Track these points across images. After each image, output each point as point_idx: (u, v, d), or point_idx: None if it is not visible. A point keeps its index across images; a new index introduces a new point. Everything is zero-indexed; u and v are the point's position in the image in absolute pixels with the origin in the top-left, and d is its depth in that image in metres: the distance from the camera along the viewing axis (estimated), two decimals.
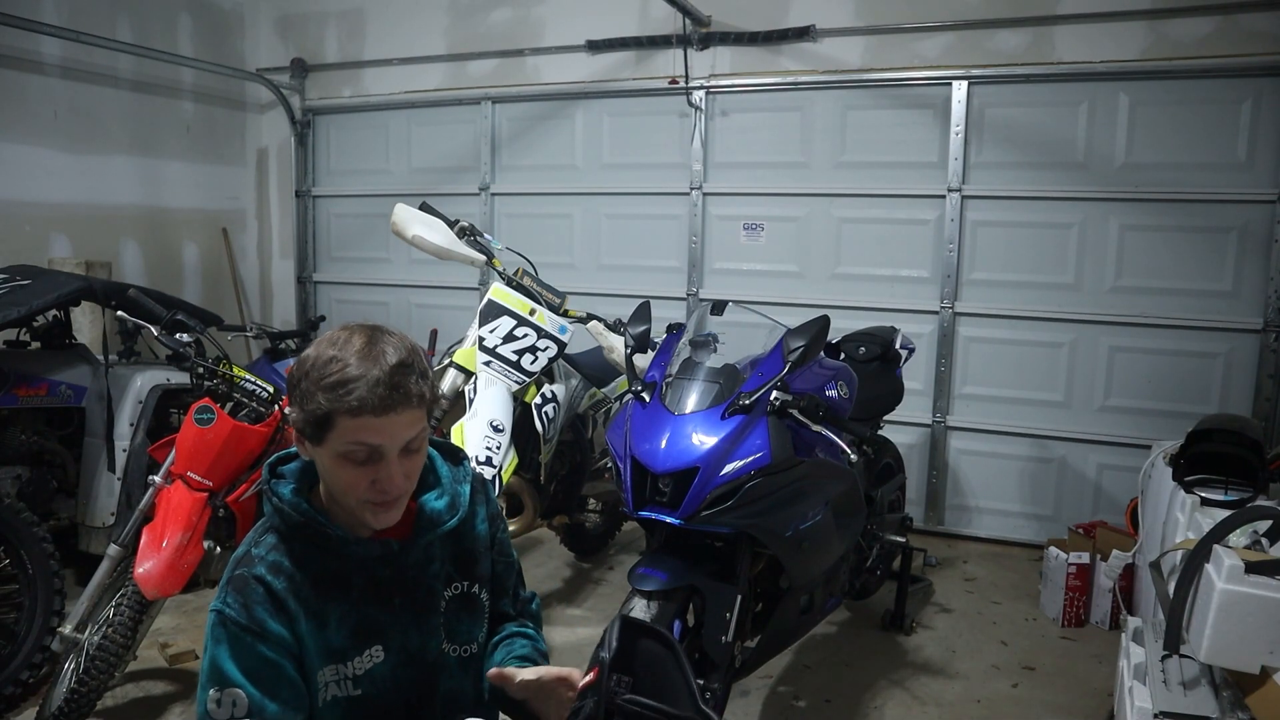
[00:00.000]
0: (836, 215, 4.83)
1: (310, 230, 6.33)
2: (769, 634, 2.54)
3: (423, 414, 1.31)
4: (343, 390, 1.23)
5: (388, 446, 1.27)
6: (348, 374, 1.24)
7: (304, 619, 1.32)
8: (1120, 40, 4.23)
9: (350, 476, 1.28)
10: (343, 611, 1.35)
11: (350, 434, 1.25)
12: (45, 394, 3.38)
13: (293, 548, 1.35)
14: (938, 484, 4.75)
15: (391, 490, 1.29)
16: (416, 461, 1.34)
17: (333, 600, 1.35)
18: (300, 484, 1.39)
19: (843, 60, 4.74)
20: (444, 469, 1.48)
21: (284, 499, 1.35)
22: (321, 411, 1.25)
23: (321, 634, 1.33)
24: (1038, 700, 3.04)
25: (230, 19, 6.17)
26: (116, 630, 2.49)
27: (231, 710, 1.26)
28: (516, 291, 3.26)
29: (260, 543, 1.37)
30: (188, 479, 2.60)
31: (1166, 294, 4.25)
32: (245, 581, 1.31)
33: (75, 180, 5.18)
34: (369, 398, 1.23)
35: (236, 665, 1.27)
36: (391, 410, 1.25)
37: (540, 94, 5.48)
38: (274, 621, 1.29)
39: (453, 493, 1.46)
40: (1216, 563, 1.79)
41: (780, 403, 2.34)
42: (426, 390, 1.30)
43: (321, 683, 1.34)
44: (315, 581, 1.34)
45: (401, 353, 1.28)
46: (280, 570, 1.33)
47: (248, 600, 1.29)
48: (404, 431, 1.28)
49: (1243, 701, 1.74)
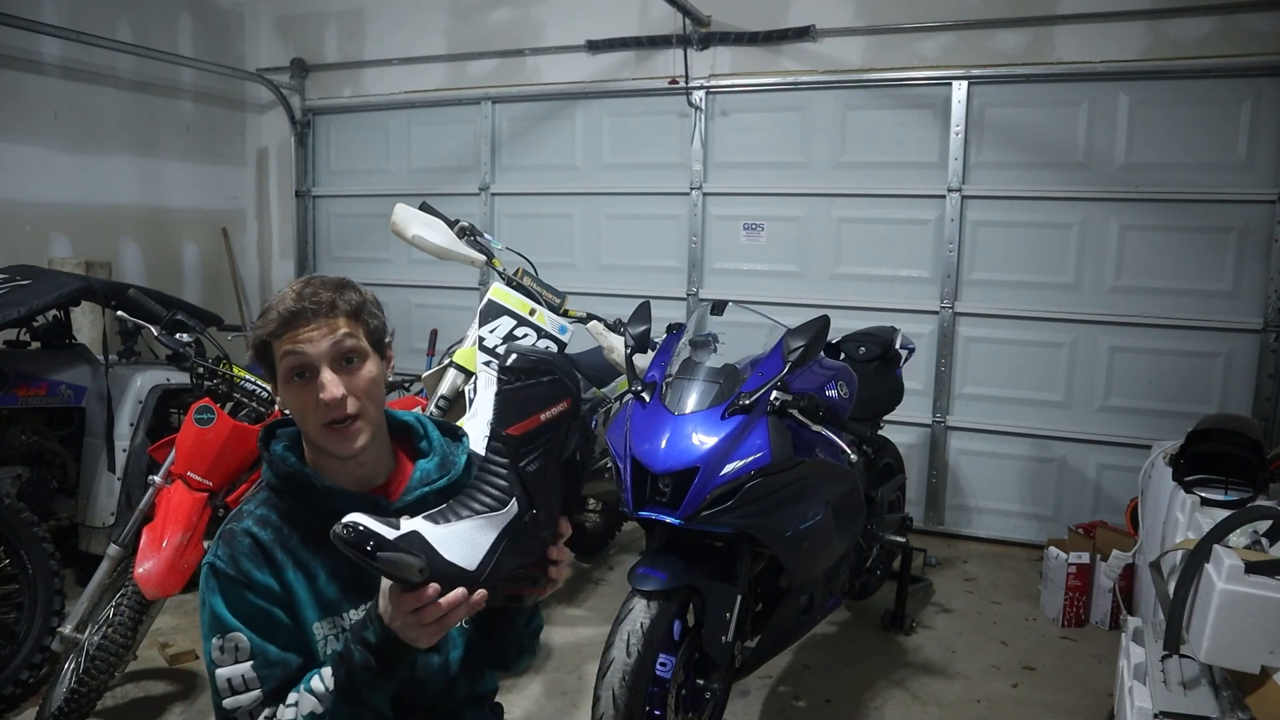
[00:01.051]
0: (836, 215, 4.83)
1: (310, 230, 6.33)
2: (769, 634, 2.54)
3: (346, 323, 1.37)
4: (268, 313, 1.36)
5: (313, 355, 1.34)
6: (274, 301, 1.38)
7: (291, 569, 1.37)
8: (1120, 40, 4.23)
9: (298, 399, 1.36)
10: (334, 565, 1.38)
11: (280, 352, 1.35)
12: (45, 394, 3.38)
13: (283, 502, 1.40)
14: (938, 484, 4.75)
15: (328, 398, 1.33)
16: (363, 378, 1.39)
17: (322, 554, 1.38)
18: (293, 445, 1.46)
19: (843, 60, 4.74)
20: (436, 435, 1.54)
21: (275, 453, 1.42)
22: (259, 342, 1.37)
23: (313, 586, 1.37)
24: (1038, 700, 3.04)
25: (230, 19, 6.17)
26: (116, 630, 2.49)
27: (235, 654, 1.31)
28: (516, 291, 3.25)
29: (253, 498, 1.43)
30: (188, 479, 2.60)
31: (1166, 294, 4.25)
32: (233, 535, 1.37)
33: (75, 180, 5.18)
34: (285, 313, 1.34)
35: (231, 613, 1.32)
36: (308, 320, 1.34)
37: (540, 94, 5.48)
38: (260, 572, 1.34)
39: (443, 454, 1.50)
40: (1216, 563, 1.79)
41: (780, 403, 2.34)
42: (348, 303, 1.39)
43: (320, 635, 1.37)
44: (305, 535, 1.39)
45: (333, 280, 1.41)
46: (267, 523, 1.38)
47: (234, 552, 1.35)
48: (324, 339, 1.35)
49: (1243, 701, 1.74)
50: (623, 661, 2.13)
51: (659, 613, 2.19)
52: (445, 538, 1.21)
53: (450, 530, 1.22)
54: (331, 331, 1.36)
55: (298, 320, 1.34)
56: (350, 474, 1.41)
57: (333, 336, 1.35)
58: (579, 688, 3.03)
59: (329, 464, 1.41)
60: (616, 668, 2.13)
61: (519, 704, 2.92)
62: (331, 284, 1.39)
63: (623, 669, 2.12)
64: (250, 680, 1.30)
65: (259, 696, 1.30)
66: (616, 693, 2.11)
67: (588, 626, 3.49)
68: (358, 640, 1.25)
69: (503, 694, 2.46)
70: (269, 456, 1.42)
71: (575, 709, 2.92)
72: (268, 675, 1.31)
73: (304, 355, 1.34)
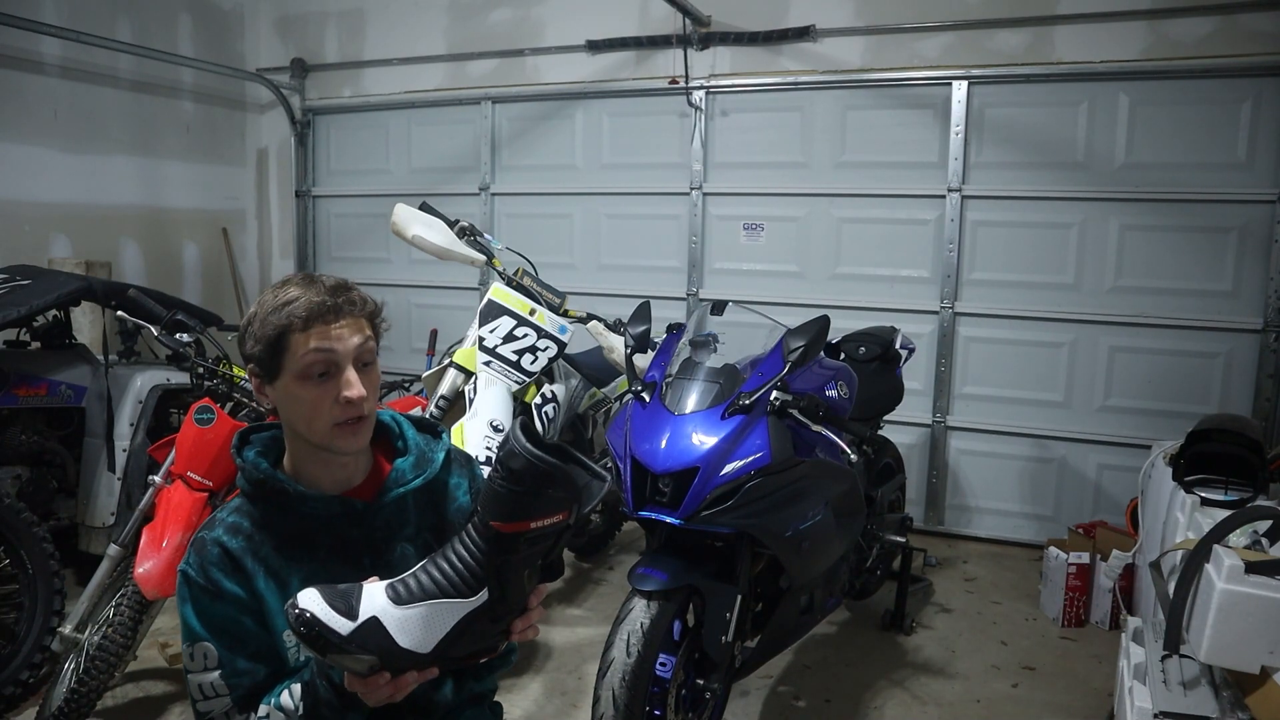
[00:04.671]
0: (836, 215, 4.83)
1: (310, 230, 6.33)
2: (769, 634, 2.54)
3: (367, 324, 1.38)
4: (291, 306, 1.31)
5: (342, 353, 1.33)
6: (291, 294, 1.33)
7: (262, 577, 1.36)
8: (1120, 40, 4.23)
9: (313, 395, 1.33)
10: (309, 571, 1.38)
11: (304, 346, 1.31)
12: (45, 394, 3.38)
13: (256, 509, 1.40)
14: (938, 484, 4.75)
15: (355, 396, 1.33)
16: (372, 377, 1.39)
17: (297, 560, 1.38)
18: (267, 450, 1.44)
19: (843, 60, 4.74)
20: (412, 433, 1.52)
21: (247, 459, 1.40)
22: (275, 333, 1.31)
23: (284, 594, 1.36)
24: (1038, 700, 3.04)
25: (230, 19, 6.17)
26: (116, 630, 2.49)
27: (204, 662, 1.33)
28: (516, 291, 3.26)
29: (225, 506, 1.44)
30: (188, 479, 2.60)
31: (1166, 294, 4.25)
32: (203, 544, 1.37)
33: (75, 180, 5.18)
34: (315, 307, 1.31)
35: (200, 622, 1.33)
36: (339, 316, 1.33)
37: (540, 94, 5.48)
38: (229, 581, 1.34)
39: (420, 454, 1.49)
40: (1216, 563, 1.79)
41: (780, 403, 2.34)
42: (370, 305, 1.40)
43: (291, 643, 1.37)
44: (279, 542, 1.38)
45: (338, 279, 1.39)
46: (238, 531, 1.38)
47: (204, 561, 1.35)
48: (353, 337, 1.34)
49: (1243, 701, 1.74)
50: (623, 661, 2.13)
51: (659, 613, 2.19)
52: (404, 622, 1.16)
53: (412, 613, 1.17)
54: (358, 331, 1.36)
55: (331, 315, 1.32)
56: (333, 475, 1.41)
57: (360, 336, 1.36)
58: (579, 688, 3.03)
59: (314, 465, 1.40)
60: (616, 668, 2.13)
61: (519, 704, 2.92)
62: (344, 283, 1.38)
63: (623, 669, 2.12)
64: (219, 688, 1.32)
65: (229, 703, 1.32)
66: (616, 693, 2.11)
67: (588, 626, 3.49)
68: (323, 675, 1.26)
69: (502, 694, 2.46)
70: (241, 463, 1.40)
71: (575, 709, 2.92)
72: (236, 684, 1.33)
73: (333, 352, 1.32)
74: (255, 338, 1.34)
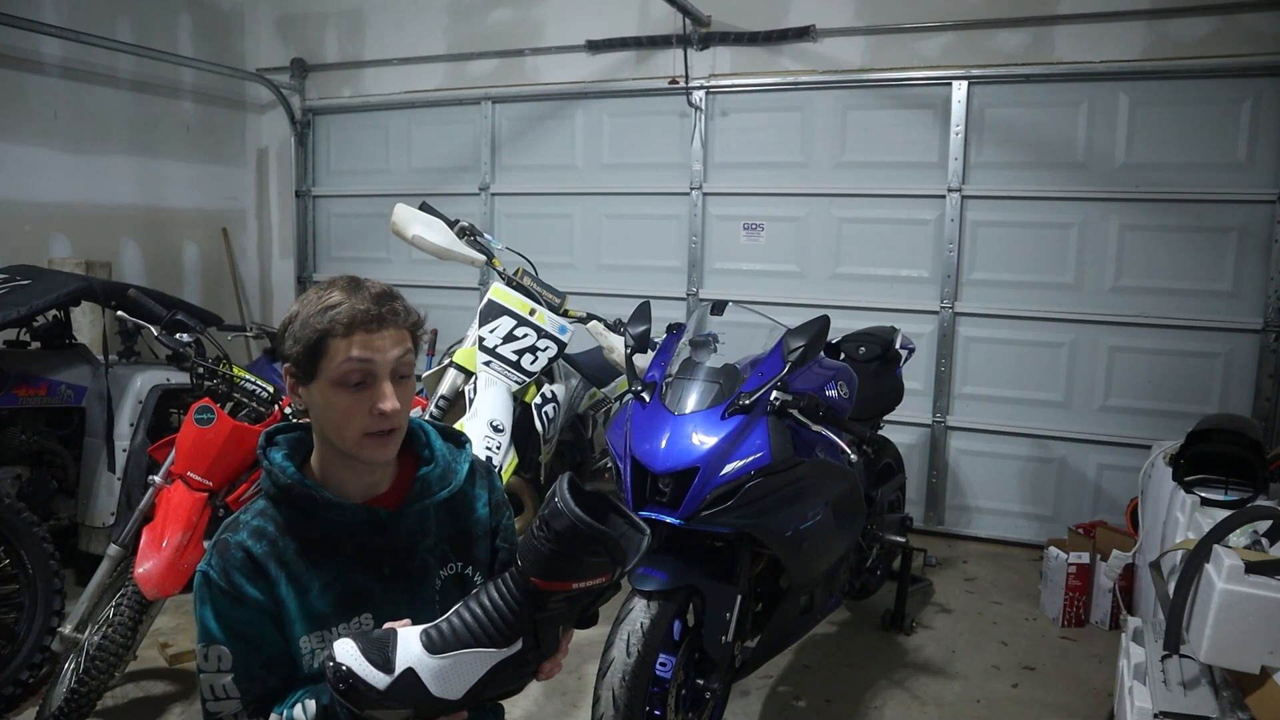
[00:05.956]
0: (836, 215, 4.83)
1: (310, 230, 6.33)
2: (769, 634, 2.54)
3: (408, 336, 1.36)
4: (334, 311, 1.29)
5: (380, 364, 1.31)
6: (335, 299, 1.31)
7: (284, 583, 1.35)
8: (1120, 40, 4.23)
9: (347, 403, 1.31)
10: (329, 578, 1.37)
11: (344, 353, 1.29)
12: (45, 394, 3.38)
13: (280, 512, 1.38)
14: (938, 484, 4.75)
15: (389, 410, 1.31)
16: (408, 390, 1.38)
17: (318, 566, 1.37)
18: (293, 451, 1.43)
19: (843, 60, 4.74)
20: (439, 444, 1.51)
21: (274, 462, 1.38)
22: (315, 336, 1.29)
23: (304, 600, 1.35)
24: (1038, 700, 3.04)
25: (230, 19, 6.17)
26: (116, 630, 2.49)
27: (218, 664, 1.32)
28: (516, 291, 3.26)
29: (249, 508, 1.41)
30: (188, 479, 2.59)
31: (1166, 294, 4.25)
32: (227, 546, 1.35)
33: (75, 180, 5.18)
34: (359, 314, 1.30)
35: (218, 624, 1.32)
36: (382, 326, 1.31)
37: (540, 94, 5.48)
38: (251, 586, 1.33)
39: (445, 465, 1.48)
40: (1216, 563, 1.79)
41: (780, 403, 2.34)
42: (414, 316, 1.38)
43: (306, 649, 1.36)
44: (301, 547, 1.37)
45: (384, 286, 1.37)
46: (263, 535, 1.36)
47: (227, 564, 1.33)
48: (394, 349, 1.32)
49: (1243, 701, 1.74)
50: (623, 661, 2.13)
51: (659, 613, 2.19)
52: (439, 672, 1.16)
53: (447, 663, 1.16)
54: (399, 343, 1.34)
55: (374, 324, 1.30)
56: (360, 481, 1.40)
57: (400, 348, 1.34)
58: (579, 688, 3.02)
59: (342, 470, 1.38)
60: (616, 668, 2.13)
61: (519, 704, 2.91)
62: (389, 291, 1.36)
63: (623, 669, 2.12)
64: (231, 690, 1.32)
65: (239, 706, 1.32)
66: (616, 693, 2.11)
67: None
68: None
69: None
70: (268, 466, 1.38)
71: (575, 709, 2.92)
72: (248, 689, 1.32)
73: (372, 363, 1.30)
74: (295, 338, 1.32)
